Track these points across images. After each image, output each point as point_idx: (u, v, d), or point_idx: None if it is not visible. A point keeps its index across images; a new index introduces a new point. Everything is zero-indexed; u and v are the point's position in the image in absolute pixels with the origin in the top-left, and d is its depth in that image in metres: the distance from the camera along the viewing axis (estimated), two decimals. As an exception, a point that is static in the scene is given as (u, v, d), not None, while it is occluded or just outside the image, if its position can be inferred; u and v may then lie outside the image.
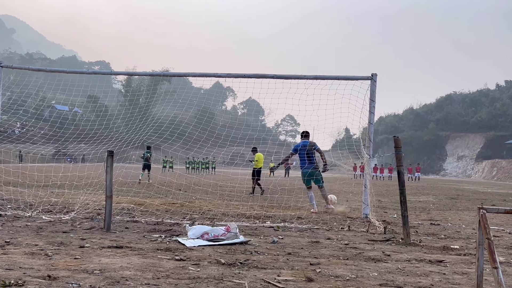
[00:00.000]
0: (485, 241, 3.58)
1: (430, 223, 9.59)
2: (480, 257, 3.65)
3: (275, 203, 12.30)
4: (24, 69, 12.47)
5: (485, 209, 3.68)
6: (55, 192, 12.51)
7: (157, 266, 4.50)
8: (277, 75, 10.36)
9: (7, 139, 13.72)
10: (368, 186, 9.81)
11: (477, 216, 3.72)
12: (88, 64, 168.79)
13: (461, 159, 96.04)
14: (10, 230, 6.42)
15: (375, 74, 10.03)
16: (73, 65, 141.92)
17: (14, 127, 30.65)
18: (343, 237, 7.10)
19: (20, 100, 16.78)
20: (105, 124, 17.95)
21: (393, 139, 7.27)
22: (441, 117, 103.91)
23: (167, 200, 12.11)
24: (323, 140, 14.95)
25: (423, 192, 23.80)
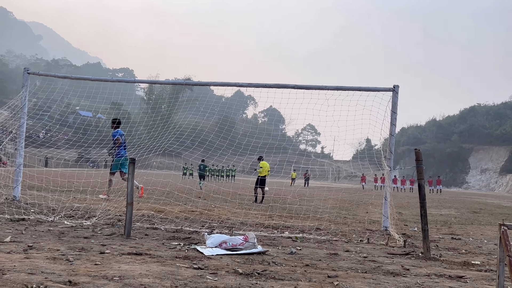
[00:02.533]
0: (506, 258, 3.54)
1: (451, 238, 9.46)
2: (501, 274, 3.60)
3: (293, 213, 12.27)
4: (50, 76, 12.75)
5: (507, 226, 3.63)
6: (78, 197, 12.70)
7: (176, 274, 4.54)
8: (298, 85, 10.38)
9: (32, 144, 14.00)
10: (389, 199, 9.73)
11: (499, 232, 3.67)
12: (112, 71, 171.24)
13: (485, 172, 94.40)
14: (33, 235, 6.54)
15: (397, 85, 9.98)
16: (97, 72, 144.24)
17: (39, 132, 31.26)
18: (362, 250, 7.05)
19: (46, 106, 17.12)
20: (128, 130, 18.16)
21: (415, 152, 7.22)
22: (465, 129, 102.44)
23: (186, 207, 12.19)
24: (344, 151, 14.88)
25: (444, 205, 23.47)
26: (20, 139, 10.95)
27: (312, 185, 45.64)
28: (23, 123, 10.96)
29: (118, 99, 50.65)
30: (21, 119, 10.94)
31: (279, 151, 19.86)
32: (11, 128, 11.56)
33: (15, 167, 11.00)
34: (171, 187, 17.25)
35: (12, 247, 5.44)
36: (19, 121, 10.98)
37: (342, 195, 23.79)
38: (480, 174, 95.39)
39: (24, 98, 10.99)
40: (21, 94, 11.04)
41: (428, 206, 7.61)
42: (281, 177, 33.43)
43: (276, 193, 18.56)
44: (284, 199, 16.47)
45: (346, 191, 33.74)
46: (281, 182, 32.33)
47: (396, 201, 19.71)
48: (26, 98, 11.10)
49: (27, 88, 11.13)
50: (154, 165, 36.31)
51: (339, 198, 20.51)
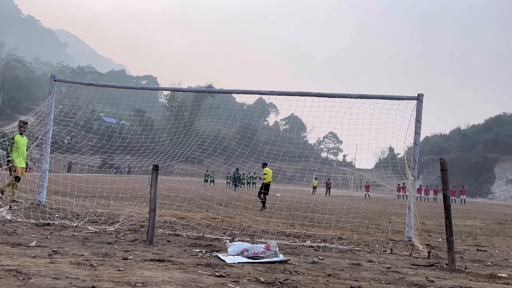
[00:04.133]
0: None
1: (476, 249, 9.27)
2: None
3: (315, 222, 12.19)
4: (76, 83, 12.98)
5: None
6: (101, 203, 12.86)
7: (197, 281, 4.55)
8: (321, 93, 10.34)
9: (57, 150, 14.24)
10: (412, 209, 9.59)
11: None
12: (136, 78, 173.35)
13: (510, 183, 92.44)
14: (58, 240, 6.64)
15: (422, 94, 9.87)
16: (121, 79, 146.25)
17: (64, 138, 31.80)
18: (385, 260, 6.96)
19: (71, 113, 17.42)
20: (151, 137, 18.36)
21: (440, 161, 7.11)
22: (490, 138, 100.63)
23: (208, 214, 12.23)
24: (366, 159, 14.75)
25: (469, 216, 23.04)
26: (46, 145, 11.15)
27: (333, 194, 45.33)
28: (49, 129, 11.16)
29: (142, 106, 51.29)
30: (47, 125, 11.15)
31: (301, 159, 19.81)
32: (38, 134, 11.78)
33: (41, 173, 11.19)
34: (193, 193, 17.33)
35: (37, 251, 5.53)
36: (45, 127, 11.19)
37: (364, 204, 23.57)
38: (505, 184, 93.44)
39: (50, 104, 11.21)
40: (48, 101, 11.26)
41: (452, 217, 7.49)
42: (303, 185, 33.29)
43: (298, 201, 18.48)
44: (305, 207, 16.38)
45: (368, 200, 33.40)
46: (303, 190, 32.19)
47: (419, 211, 19.42)
48: (53, 104, 11.31)
49: (53, 95, 11.35)
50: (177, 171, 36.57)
51: (362, 207, 20.33)
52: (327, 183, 48.27)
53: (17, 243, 6.03)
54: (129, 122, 56.14)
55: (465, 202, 49.97)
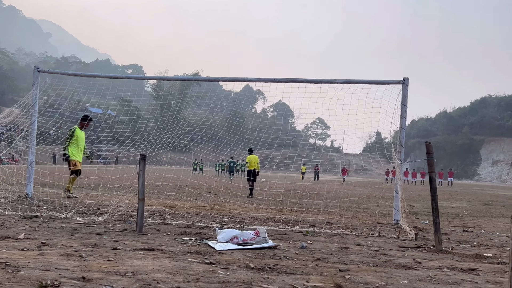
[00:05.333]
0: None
1: (463, 230, 9.41)
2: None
3: (304, 208, 12.27)
4: (60, 73, 12.82)
5: (519, 218, 3.60)
6: (89, 194, 12.80)
7: (188, 269, 4.57)
8: (307, 79, 10.35)
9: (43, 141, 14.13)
10: (399, 192, 9.70)
11: (511, 224, 3.65)
12: (121, 67, 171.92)
13: (496, 164, 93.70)
14: (46, 231, 6.61)
15: (407, 78, 9.93)
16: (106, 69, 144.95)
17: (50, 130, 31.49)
18: (373, 243, 7.05)
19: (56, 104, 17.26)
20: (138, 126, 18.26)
21: (425, 144, 7.18)
22: (476, 120, 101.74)
23: (197, 203, 12.24)
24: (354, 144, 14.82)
25: (456, 198, 23.34)
26: (32, 136, 11.05)
27: (322, 179, 45.59)
28: (34, 121, 11.05)
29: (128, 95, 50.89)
30: (32, 116, 11.03)
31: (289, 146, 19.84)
32: (23, 126, 11.66)
33: (27, 165, 11.10)
34: (181, 182, 17.32)
35: (26, 244, 5.50)
36: (30, 119, 11.08)
37: (352, 189, 23.76)
38: (491, 166, 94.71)
39: (34, 96, 11.08)
40: (32, 92, 11.13)
41: (439, 199, 7.59)
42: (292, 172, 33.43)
43: (287, 188, 18.57)
44: (294, 193, 16.47)
45: (356, 184, 33.67)
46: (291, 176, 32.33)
47: (407, 194, 19.64)
48: (37, 96, 11.18)
49: (37, 86, 11.21)
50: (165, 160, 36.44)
51: (350, 192, 20.49)
52: (315, 169, 48.58)
53: (5, 236, 6.00)
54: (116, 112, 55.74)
55: (452, 184, 50.58)
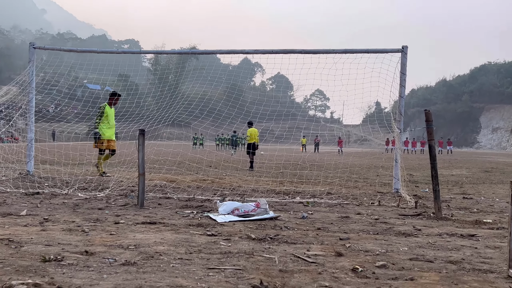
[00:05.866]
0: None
1: (462, 197, 9.47)
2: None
3: (304, 179, 12.33)
4: (56, 49, 12.70)
5: (518, 183, 3.62)
6: (90, 170, 12.84)
7: (190, 241, 4.61)
8: (305, 50, 10.26)
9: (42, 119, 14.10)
10: (399, 161, 9.72)
11: (510, 190, 3.67)
12: (118, 43, 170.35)
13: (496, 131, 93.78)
14: (48, 208, 6.65)
15: (406, 46, 9.84)
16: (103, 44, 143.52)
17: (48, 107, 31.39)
18: (373, 212, 7.10)
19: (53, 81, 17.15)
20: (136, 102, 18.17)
21: (424, 113, 7.17)
22: (475, 88, 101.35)
23: (198, 177, 12.29)
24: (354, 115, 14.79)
25: (456, 166, 23.43)
26: (30, 114, 11.01)
27: (322, 151, 45.70)
28: (32, 98, 10.99)
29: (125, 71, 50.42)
30: (29, 94, 10.98)
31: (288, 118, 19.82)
32: (21, 103, 11.61)
33: (27, 142, 11.10)
34: (182, 157, 17.36)
35: (28, 220, 5.54)
36: (28, 96, 11.02)
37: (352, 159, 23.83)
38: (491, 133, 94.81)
39: (31, 73, 11.00)
40: (28, 69, 11.04)
41: (439, 167, 7.61)
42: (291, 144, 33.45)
43: (287, 160, 18.62)
44: (294, 165, 16.52)
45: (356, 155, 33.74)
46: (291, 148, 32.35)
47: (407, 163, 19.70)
48: (34, 73, 11.10)
49: (33, 63, 11.12)
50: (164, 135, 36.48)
51: (349, 162, 20.55)
52: (315, 140, 48.63)
53: (7, 212, 6.04)
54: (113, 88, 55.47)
55: (452, 153, 50.71)
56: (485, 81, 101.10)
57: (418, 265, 3.92)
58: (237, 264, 3.79)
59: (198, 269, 3.59)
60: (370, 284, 3.35)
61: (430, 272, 3.71)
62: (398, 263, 3.97)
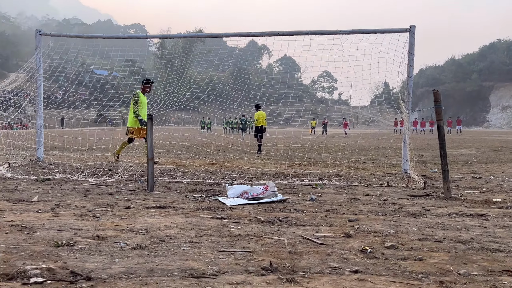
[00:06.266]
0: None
1: (472, 177, 9.45)
2: (522, 211, 3.61)
3: (313, 161, 12.33)
4: (62, 36, 12.69)
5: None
6: (99, 155, 12.93)
7: (199, 224, 4.65)
8: (312, 31, 10.18)
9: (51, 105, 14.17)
10: (407, 141, 9.69)
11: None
12: (124, 27, 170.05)
13: (506, 110, 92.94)
14: (59, 193, 6.72)
15: (414, 25, 9.74)
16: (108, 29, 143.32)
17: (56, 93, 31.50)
18: (382, 193, 7.11)
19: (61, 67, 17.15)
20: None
21: (433, 93, 7.12)
22: (485, 66, 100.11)
23: (206, 160, 12.34)
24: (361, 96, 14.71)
25: (465, 145, 23.31)
26: (39, 101, 11.07)
27: (330, 132, 45.60)
28: (40, 85, 11.04)
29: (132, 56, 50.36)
30: (37, 81, 11.02)
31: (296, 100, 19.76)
32: (29, 90, 11.67)
33: (36, 129, 11.18)
34: (190, 141, 17.41)
35: (40, 206, 5.61)
36: (36, 83, 11.07)
37: (360, 141, 23.77)
38: (501, 112, 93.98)
39: (38, 59, 11.03)
40: (35, 56, 11.07)
41: (448, 147, 7.58)
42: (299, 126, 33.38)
43: (295, 142, 18.62)
44: (302, 148, 16.52)
45: (364, 136, 33.66)
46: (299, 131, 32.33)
47: (416, 144, 19.63)
48: (41, 59, 11.13)
49: (40, 49, 11.15)
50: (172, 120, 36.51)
51: (358, 144, 20.51)
52: (323, 122, 48.52)
53: (19, 199, 6.11)
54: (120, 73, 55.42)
55: (461, 132, 50.42)
56: (494, 59, 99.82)
57: (427, 245, 3.94)
58: (246, 246, 3.83)
59: (209, 252, 3.63)
60: (379, 264, 3.37)
61: (439, 252, 3.72)
62: (407, 244, 3.98)
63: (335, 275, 3.11)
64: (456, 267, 3.32)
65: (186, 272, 3.11)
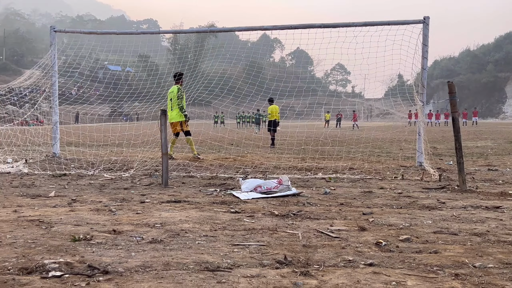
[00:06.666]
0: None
1: (487, 169, 9.35)
2: (539, 203, 3.58)
3: (326, 155, 12.30)
4: (76, 32, 12.79)
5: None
6: (114, 150, 13.04)
7: (214, 218, 4.69)
8: (325, 24, 10.12)
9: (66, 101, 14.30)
10: (422, 134, 9.62)
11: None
12: (137, 23, 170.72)
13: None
14: (76, 188, 6.81)
15: (428, 17, 9.63)
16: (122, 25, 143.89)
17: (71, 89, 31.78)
18: (397, 186, 7.08)
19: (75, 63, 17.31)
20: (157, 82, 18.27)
21: (447, 84, 7.05)
22: (500, 57, 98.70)
23: (220, 155, 12.37)
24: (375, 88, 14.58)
25: (481, 137, 23.06)
26: (54, 97, 11.19)
27: (344, 126, 45.40)
28: (55, 81, 11.15)
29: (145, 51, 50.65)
30: (52, 77, 11.13)
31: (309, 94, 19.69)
32: (44, 87, 11.79)
33: (52, 125, 11.31)
34: (203, 136, 17.46)
35: (57, 201, 5.69)
36: (51, 79, 11.18)
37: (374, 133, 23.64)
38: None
39: (53, 56, 11.14)
40: (50, 53, 11.18)
41: (463, 139, 7.51)
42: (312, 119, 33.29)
43: (308, 136, 18.58)
44: (316, 141, 16.48)
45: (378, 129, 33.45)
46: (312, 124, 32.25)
47: (431, 136, 19.47)
48: (55, 56, 11.23)
49: (55, 46, 11.25)
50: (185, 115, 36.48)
51: (372, 137, 20.41)
52: (337, 115, 48.33)
53: (37, 194, 6.20)
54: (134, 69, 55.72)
55: (476, 124, 49.87)
56: (510, 50, 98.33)
57: (442, 238, 3.92)
58: (261, 240, 3.85)
59: (223, 246, 3.66)
60: (394, 257, 3.37)
61: (454, 245, 3.71)
62: (422, 237, 3.97)
63: (350, 268, 3.11)
64: (472, 259, 3.30)
65: (201, 265, 3.14)
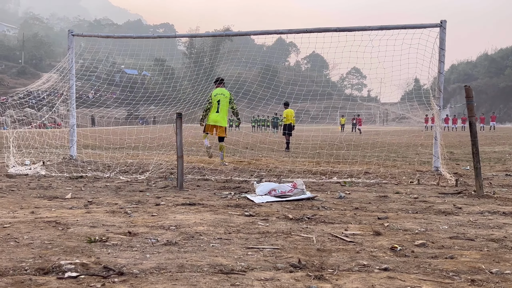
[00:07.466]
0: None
1: (505, 174, 9.23)
2: (557, 209, 3.52)
3: (341, 159, 12.25)
4: (94, 36, 12.96)
5: None
6: (130, 153, 13.14)
7: (228, 221, 4.70)
8: (340, 27, 10.10)
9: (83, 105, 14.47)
10: (439, 138, 9.53)
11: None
12: (153, 27, 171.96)
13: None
14: (92, 191, 6.88)
15: (445, 21, 9.57)
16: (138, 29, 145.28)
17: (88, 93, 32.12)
18: (412, 191, 7.02)
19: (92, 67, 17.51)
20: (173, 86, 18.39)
21: (464, 88, 6.99)
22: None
23: (234, 158, 12.40)
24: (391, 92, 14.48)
25: (498, 142, 22.77)
26: (71, 100, 11.33)
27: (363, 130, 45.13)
28: (72, 85, 11.30)
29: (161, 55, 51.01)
30: (70, 80, 11.28)
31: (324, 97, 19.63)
32: (62, 90, 11.95)
33: (69, 128, 11.45)
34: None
35: (73, 203, 5.75)
36: (68, 83, 11.33)
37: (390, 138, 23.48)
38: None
39: (71, 60, 11.29)
40: (68, 56, 11.33)
41: (481, 144, 7.43)
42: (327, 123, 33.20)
43: (323, 140, 18.53)
44: (331, 145, 16.41)
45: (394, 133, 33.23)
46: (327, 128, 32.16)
47: (447, 141, 19.28)
48: (73, 59, 11.38)
49: (73, 50, 11.40)
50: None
51: (388, 141, 20.27)
52: (353, 120, 48.05)
53: (54, 196, 6.28)
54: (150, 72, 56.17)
55: (494, 129, 49.24)
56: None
57: (458, 244, 3.88)
58: (275, 243, 3.85)
59: (237, 249, 3.66)
60: (409, 262, 3.34)
61: (470, 251, 3.67)
62: (438, 242, 3.93)
63: (364, 273, 3.10)
64: (488, 265, 3.26)
65: (216, 268, 3.15)
